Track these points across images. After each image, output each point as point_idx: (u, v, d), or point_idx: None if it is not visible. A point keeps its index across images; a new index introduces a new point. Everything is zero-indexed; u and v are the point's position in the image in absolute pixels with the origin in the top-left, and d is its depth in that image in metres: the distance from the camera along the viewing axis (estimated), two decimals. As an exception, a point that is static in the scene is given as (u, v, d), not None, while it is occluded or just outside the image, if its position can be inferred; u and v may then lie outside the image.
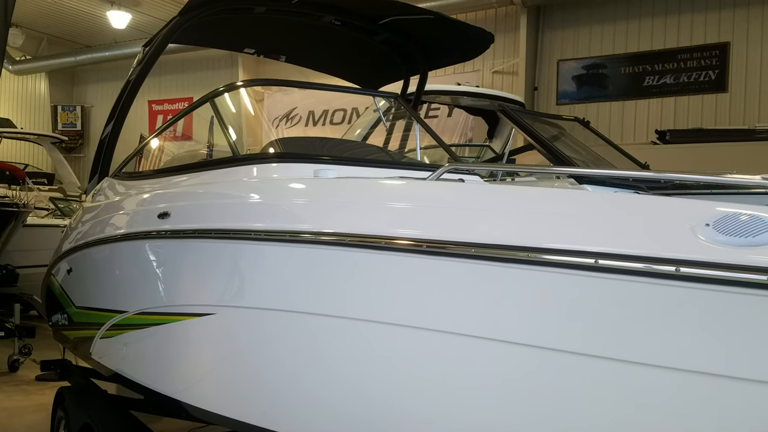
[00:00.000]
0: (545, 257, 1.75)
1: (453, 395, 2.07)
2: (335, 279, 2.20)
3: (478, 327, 1.95)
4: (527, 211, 1.89)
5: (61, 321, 4.88)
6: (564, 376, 1.84)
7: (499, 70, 12.59)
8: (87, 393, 4.49)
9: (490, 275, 1.88)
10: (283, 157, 2.80)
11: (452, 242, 1.82)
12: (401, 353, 2.15)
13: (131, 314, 3.42)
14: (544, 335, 1.84)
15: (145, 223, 3.15)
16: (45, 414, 6.12)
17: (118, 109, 4.24)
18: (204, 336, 2.78)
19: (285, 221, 2.33)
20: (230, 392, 2.81)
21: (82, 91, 18.32)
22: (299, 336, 2.40)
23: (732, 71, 11.08)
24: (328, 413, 2.38)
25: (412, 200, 2.04)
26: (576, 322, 1.78)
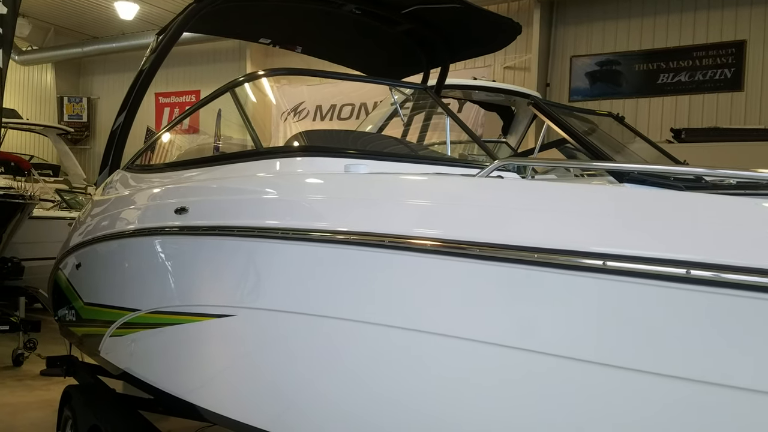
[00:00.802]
0: (588, 262, 1.61)
1: (477, 407, 1.93)
2: (373, 283, 2.05)
3: (509, 336, 1.82)
4: (570, 210, 1.74)
5: (69, 317, 4.76)
6: (607, 392, 1.70)
7: (510, 65, 12.42)
8: (95, 392, 4.37)
9: (526, 280, 1.74)
10: (308, 151, 2.65)
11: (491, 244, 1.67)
12: (434, 363, 2.01)
13: (144, 313, 3.28)
14: (587, 348, 1.69)
15: (160, 219, 3.00)
16: (50, 411, 6.01)
17: (131, 99, 4.09)
18: (222, 338, 2.64)
19: (314, 220, 2.19)
20: (248, 397, 2.68)
21: (89, 82, 18.21)
22: (329, 342, 2.26)
23: (748, 70, 10.91)
24: (355, 423, 2.24)
25: (457, 199, 1.88)
26: (622, 335, 1.63)
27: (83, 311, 4.34)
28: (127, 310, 3.46)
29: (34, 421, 5.72)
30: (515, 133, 7.66)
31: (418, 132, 4.84)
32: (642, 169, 2.08)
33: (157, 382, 3.32)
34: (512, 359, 1.83)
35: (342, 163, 2.53)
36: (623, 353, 1.62)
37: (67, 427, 4.38)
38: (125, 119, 4.17)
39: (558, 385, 1.77)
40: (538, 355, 1.76)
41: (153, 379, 3.37)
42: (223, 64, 16.13)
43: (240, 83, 3.09)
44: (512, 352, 1.81)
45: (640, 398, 1.64)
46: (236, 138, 8.37)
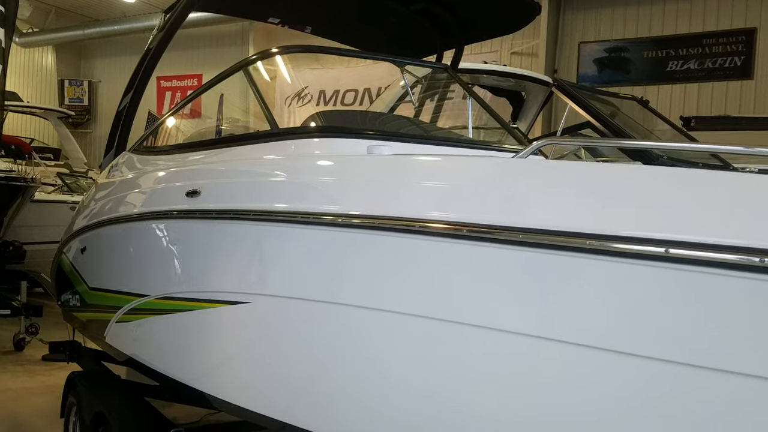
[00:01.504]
0: (624, 247, 1.51)
1: (499, 396, 1.84)
2: (405, 271, 1.94)
3: (538, 326, 1.72)
4: (602, 192, 1.63)
5: (73, 302, 4.67)
6: (638, 383, 1.60)
7: (518, 51, 12.27)
8: (100, 379, 4.29)
9: (554, 266, 1.64)
10: (326, 132, 2.53)
11: (547, 231, 1.55)
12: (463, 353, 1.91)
13: (153, 299, 3.18)
14: (620, 338, 1.59)
15: (171, 202, 2.89)
16: (52, 396, 5.94)
17: (138, 79, 3.98)
18: (237, 325, 2.54)
19: (339, 204, 2.07)
20: (261, 385, 2.58)
21: (90, 65, 18.04)
22: (350, 331, 2.16)
23: (758, 58, 10.77)
24: (372, 412, 2.15)
25: (498, 181, 1.76)
26: (656, 323, 1.54)
27: (88, 296, 4.25)
28: (135, 295, 3.36)
29: (38, 407, 5.64)
30: (525, 119, 7.52)
31: (430, 115, 4.72)
32: (694, 149, 1.95)
33: (164, 369, 3.24)
34: (542, 350, 1.74)
35: (360, 144, 2.43)
36: (672, 345, 1.53)
37: (72, 414, 4.30)
38: (131, 100, 4.05)
39: (587, 376, 1.69)
40: (568, 346, 1.67)
41: (160, 365, 3.28)
42: (226, 48, 15.96)
43: (253, 61, 2.97)
44: (542, 343, 1.73)
45: (684, 390, 1.55)
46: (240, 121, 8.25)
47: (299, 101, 15.66)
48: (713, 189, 1.50)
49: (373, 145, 2.21)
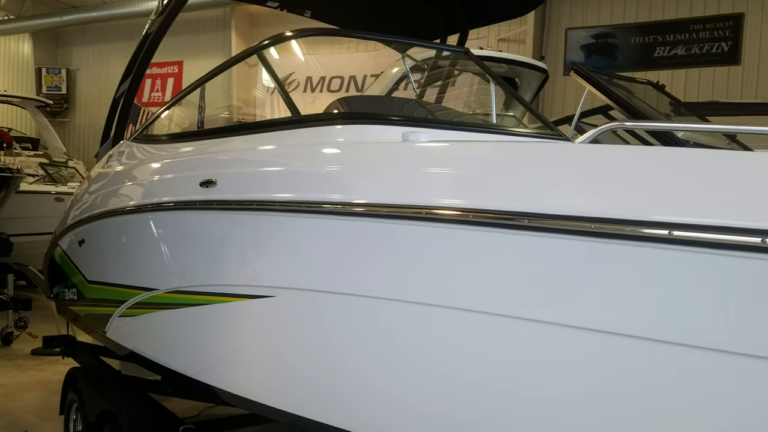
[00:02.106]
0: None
1: (534, 387, 1.80)
2: (449, 263, 1.87)
3: (568, 314, 1.67)
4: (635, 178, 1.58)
5: (69, 295, 4.54)
6: (675, 374, 1.56)
7: (505, 37, 12.19)
8: (103, 375, 4.17)
9: (585, 252, 1.59)
10: (350, 118, 2.44)
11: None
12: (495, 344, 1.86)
13: (161, 292, 3.08)
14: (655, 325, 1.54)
15: (182, 193, 2.78)
16: (45, 392, 5.82)
17: (136, 65, 3.84)
18: (259, 320, 2.44)
19: (375, 193, 1.99)
20: (278, 380, 2.51)
21: (68, 53, 17.66)
22: (380, 324, 2.09)
23: (745, 43, 10.80)
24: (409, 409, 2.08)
25: (565, 167, 1.68)
26: (692, 310, 1.49)
27: (86, 290, 4.13)
28: (141, 289, 3.25)
29: (32, 403, 5.51)
30: (517, 106, 7.47)
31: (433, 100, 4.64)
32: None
33: (172, 364, 3.15)
34: (572, 339, 1.68)
35: (387, 131, 2.34)
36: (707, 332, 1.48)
37: (72, 411, 4.19)
38: (129, 87, 3.92)
39: (622, 364, 1.65)
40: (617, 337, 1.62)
41: (168, 360, 3.19)
42: (207, 35, 15.71)
43: (268, 45, 2.86)
44: (571, 332, 1.67)
45: (720, 376, 1.51)
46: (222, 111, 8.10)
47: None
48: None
49: (409, 132, 2.13)
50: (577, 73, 3.01)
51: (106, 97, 17.78)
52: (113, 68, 16.92)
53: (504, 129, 2.59)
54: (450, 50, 3.61)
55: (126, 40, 16.69)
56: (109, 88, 17.98)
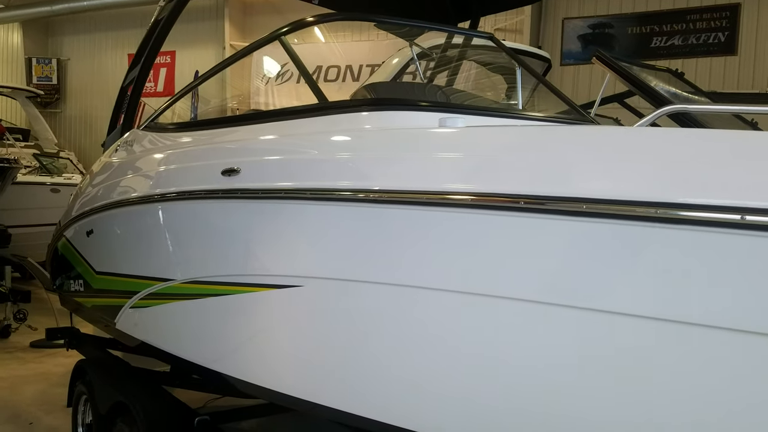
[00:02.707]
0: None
1: (554, 370, 1.80)
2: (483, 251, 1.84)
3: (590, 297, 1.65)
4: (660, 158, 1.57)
5: (74, 287, 4.48)
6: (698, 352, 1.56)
7: (502, 27, 12.14)
8: (113, 368, 4.13)
9: (609, 235, 1.58)
10: (378, 104, 2.40)
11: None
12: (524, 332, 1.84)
13: (179, 283, 3.03)
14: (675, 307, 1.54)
15: (203, 181, 2.73)
16: (46, 384, 5.77)
17: (146, 53, 3.77)
18: (288, 310, 2.40)
19: (413, 180, 1.95)
20: (312, 372, 2.47)
21: (58, 43, 17.43)
22: (412, 314, 2.06)
23: (742, 33, 10.82)
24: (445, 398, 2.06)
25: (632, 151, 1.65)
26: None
27: (94, 281, 4.07)
28: (157, 280, 3.20)
29: (34, 396, 5.46)
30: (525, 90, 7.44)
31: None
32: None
33: (188, 355, 3.11)
34: (593, 322, 1.68)
35: (418, 117, 2.31)
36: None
37: (81, 403, 4.14)
38: (139, 74, 3.85)
39: (644, 347, 1.65)
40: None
41: (184, 351, 3.15)
42: (200, 23, 15.53)
43: (289, 31, 2.80)
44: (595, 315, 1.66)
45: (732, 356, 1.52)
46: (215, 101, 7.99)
47: (278, 78, 15.30)
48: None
49: (446, 118, 2.09)
50: (599, 59, 2.98)
51: (98, 87, 17.58)
52: (104, 58, 16.74)
53: (536, 115, 2.56)
54: (475, 35, 3.56)
55: (117, 30, 16.51)
56: (101, 78, 17.78)
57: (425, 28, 3.47)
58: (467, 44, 4.49)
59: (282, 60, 13.89)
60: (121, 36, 16.47)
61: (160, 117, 3.79)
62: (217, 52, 15.38)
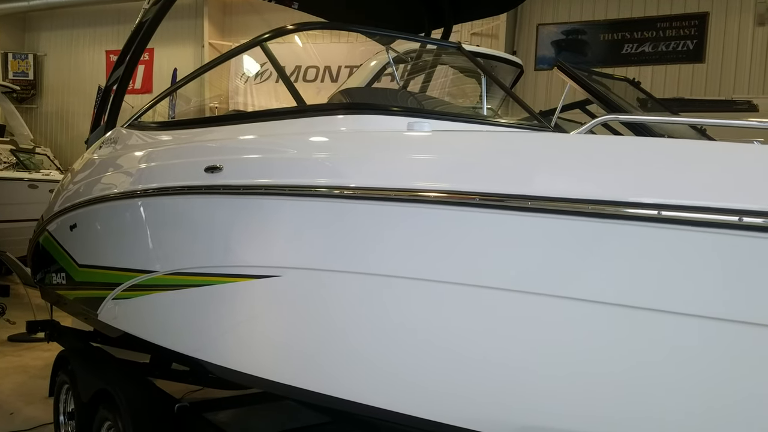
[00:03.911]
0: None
1: (535, 355, 1.96)
2: (434, 240, 2.02)
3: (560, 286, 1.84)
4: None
5: (56, 280, 4.59)
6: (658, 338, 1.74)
7: (478, 32, 12.39)
8: (95, 357, 4.25)
9: (587, 232, 1.77)
10: (353, 108, 2.57)
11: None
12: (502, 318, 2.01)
13: (161, 274, 3.17)
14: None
15: (187, 178, 2.88)
16: (26, 377, 5.86)
17: (130, 53, 3.90)
18: (267, 299, 2.56)
19: (371, 178, 2.13)
20: (284, 356, 2.63)
21: (35, 38, 17.33)
22: (382, 300, 2.23)
23: (710, 42, 11.16)
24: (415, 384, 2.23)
25: (566, 154, 1.85)
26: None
27: (76, 274, 4.19)
28: (139, 272, 3.33)
29: (14, 388, 5.55)
30: (493, 100, 7.65)
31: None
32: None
33: (172, 344, 3.23)
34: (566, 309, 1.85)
35: (389, 121, 2.49)
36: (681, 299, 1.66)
37: (63, 392, 4.26)
38: (124, 74, 3.98)
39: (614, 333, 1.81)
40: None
41: (167, 340, 3.27)
42: (179, 21, 15.54)
43: (270, 37, 2.97)
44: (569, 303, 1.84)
45: (695, 342, 1.69)
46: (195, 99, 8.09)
47: (257, 78, 15.35)
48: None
49: (413, 122, 2.28)
50: (559, 68, 3.17)
51: (75, 83, 17.46)
52: (82, 55, 16.70)
53: (498, 121, 2.75)
54: (443, 45, 3.75)
55: (95, 26, 16.48)
56: (78, 74, 17.64)
57: (398, 37, 3.63)
58: (441, 51, 4.68)
59: (262, 60, 14.01)
60: (98, 32, 16.45)
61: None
62: (195, 51, 15.44)
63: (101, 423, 3.60)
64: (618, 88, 3.76)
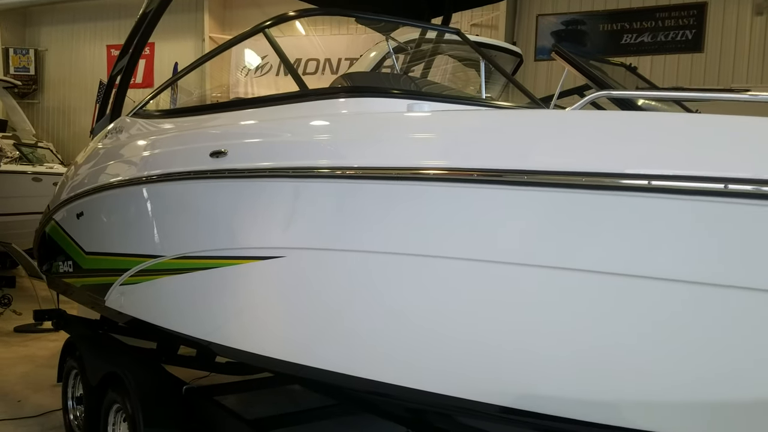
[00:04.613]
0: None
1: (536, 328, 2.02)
2: (435, 217, 2.09)
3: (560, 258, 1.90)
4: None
5: (63, 268, 4.66)
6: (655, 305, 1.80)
7: (477, 23, 12.42)
8: (104, 342, 4.33)
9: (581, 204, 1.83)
10: (354, 91, 2.63)
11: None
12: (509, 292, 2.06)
13: (167, 259, 3.24)
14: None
15: (192, 163, 2.94)
16: (33, 366, 5.94)
17: (134, 43, 3.96)
18: (272, 279, 2.63)
19: (386, 158, 2.18)
20: (289, 334, 2.70)
21: (36, 33, 17.37)
22: (385, 277, 2.30)
23: (709, 31, 11.18)
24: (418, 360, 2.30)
25: (562, 130, 1.91)
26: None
27: (84, 261, 4.26)
28: (147, 257, 3.40)
29: (21, 376, 5.63)
30: (494, 89, 7.70)
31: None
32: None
33: (180, 327, 3.30)
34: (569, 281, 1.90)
35: (389, 103, 2.55)
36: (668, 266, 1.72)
37: (71, 377, 4.34)
38: (127, 65, 4.04)
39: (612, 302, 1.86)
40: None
41: (175, 324, 3.33)
42: (179, 15, 15.56)
43: (272, 24, 3.03)
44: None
45: (690, 309, 1.75)
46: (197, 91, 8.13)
47: (258, 71, 15.35)
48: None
49: (413, 104, 2.34)
50: (557, 53, 3.24)
51: (76, 78, 17.48)
52: (83, 49, 16.73)
53: (496, 103, 2.81)
54: (443, 30, 3.81)
55: (96, 21, 16.51)
56: (79, 69, 17.67)
57: (399, 23, 3.69)
58: (440, 39, 4.73)
59: (262, 53, 14.05)
60: (99, 27, 16.49)
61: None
62: (196, 45, 15.47)
63: (110, 406, 3.67)
64: (617, 75, 3.82)
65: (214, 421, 3.33)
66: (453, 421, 2.48)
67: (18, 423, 4.53)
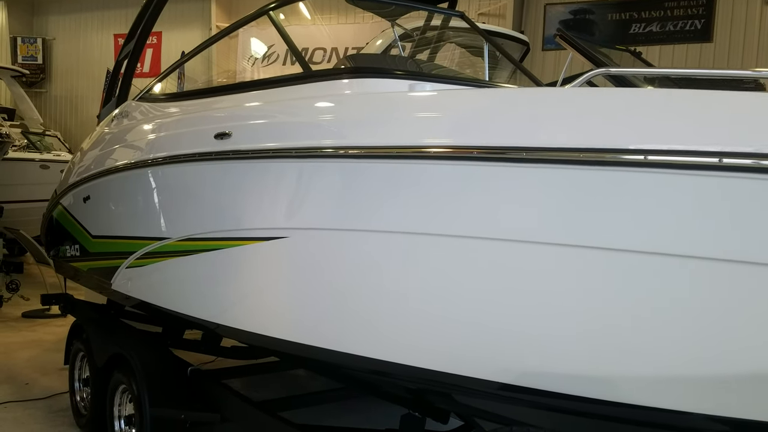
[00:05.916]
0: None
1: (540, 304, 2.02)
2: (439, 195, 2.10)
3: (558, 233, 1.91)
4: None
5: (70, 252, 4.70)
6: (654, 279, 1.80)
7: (485, 11, 12.38)
8: (109, 325, 4.37)
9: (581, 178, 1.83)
10: (357, 72, 2.64)
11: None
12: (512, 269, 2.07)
13: (174, 241, 3.26)
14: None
15: (197, 145, 2.96)
16: (39, 350, 6.00)
17: (141, 28, 3.97)
18: (275, 259, 2.65)
19: (388, 137, 2.19)
20: (295, 315, 2.71)
21: (43, 22, 17.41)
22: (389, 256, 2.31)
23: (718, 21, 11.11)
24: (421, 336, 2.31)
25: (564, 106, 1.91)
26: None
27: (90, 245, 4.29)
28: (152, 239, 3.43)
29: (28, 359, 5.69)
30: (500, 76, 7.68)
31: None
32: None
33: (185, 309, 3.32)
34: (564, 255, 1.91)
35: (393, 84, 2.56)
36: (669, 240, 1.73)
37: (78, 359, 4.38)
38: (134, 50, 4.05)
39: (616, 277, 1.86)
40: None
41: (180, 306, 3.36)
42: (186, 4, 15.59)
43: (277, 6, 3.04)
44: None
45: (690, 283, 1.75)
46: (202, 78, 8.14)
47: (264, 61, 15.34)
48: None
49: (415, 84, 2.35)
50: (561, 37, 3.22)
51: (83, 67, 17.53)
52: (90, 38, 16.76)
53: (498, 85, 2.81)
54: (447, 13, 3.81)
55: (103, 10, 16.53)
56: (86, 58, 17.72)
57: (403, 6, 3.68)
58: (445, 26, 4.72)
59: (268, 42, 14.05)
60: (106, 16, 16.50)
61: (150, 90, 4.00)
62: (203, 34, 15.46)
63: (116, 387, 3.71)
64: (625, 62, 3.80)
65: (219, 402, 3.36)
66: (453, 401, 2.50)
67: (26, 405, 4.58)
